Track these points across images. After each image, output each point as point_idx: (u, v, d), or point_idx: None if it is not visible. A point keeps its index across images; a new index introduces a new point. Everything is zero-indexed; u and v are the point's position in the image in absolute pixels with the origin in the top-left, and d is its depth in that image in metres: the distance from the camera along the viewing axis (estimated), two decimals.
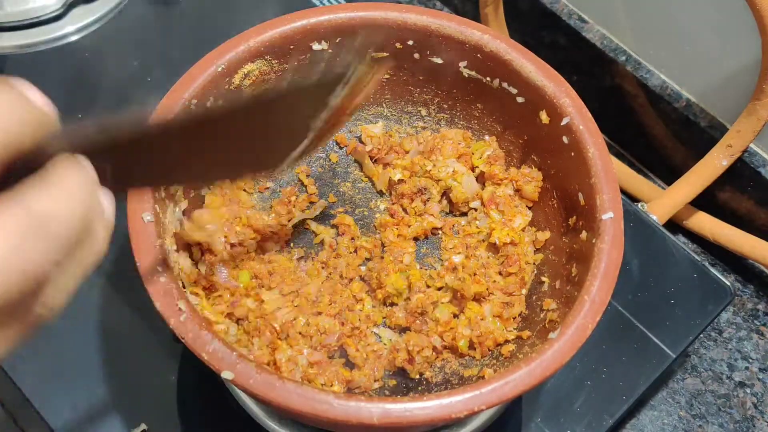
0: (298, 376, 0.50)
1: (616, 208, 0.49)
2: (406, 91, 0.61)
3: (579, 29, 0.75)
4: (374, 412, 0.41)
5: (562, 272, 0.52)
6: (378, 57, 0.58)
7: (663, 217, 0.68)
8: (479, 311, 0.53)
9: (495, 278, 0.55)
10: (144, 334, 0.59)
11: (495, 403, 0.42)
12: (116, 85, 0.71)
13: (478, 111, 0.60)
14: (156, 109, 0.51)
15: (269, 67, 0.56)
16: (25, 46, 0.72)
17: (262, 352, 0.50)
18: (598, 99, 0.78)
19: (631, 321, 0.62)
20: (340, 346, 0.53)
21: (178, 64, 0.54)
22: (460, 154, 0.59)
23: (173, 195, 0.52)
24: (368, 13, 0.56)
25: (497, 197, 0.57)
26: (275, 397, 0.42)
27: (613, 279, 0.47)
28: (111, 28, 0.74)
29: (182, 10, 0.76)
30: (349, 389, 0.52)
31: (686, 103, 0.71)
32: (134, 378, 0.57)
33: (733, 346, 0.69)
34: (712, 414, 0.65)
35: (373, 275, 0.56)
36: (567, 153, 0.53)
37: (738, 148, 0.64)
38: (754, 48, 0.61)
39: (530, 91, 0.55)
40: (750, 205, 0.71)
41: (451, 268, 0.56)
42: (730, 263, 0.73)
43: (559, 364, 0.44)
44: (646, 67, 0.73)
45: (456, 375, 0.53)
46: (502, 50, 0.55)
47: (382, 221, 0.59)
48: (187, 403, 0.57)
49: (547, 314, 0.51)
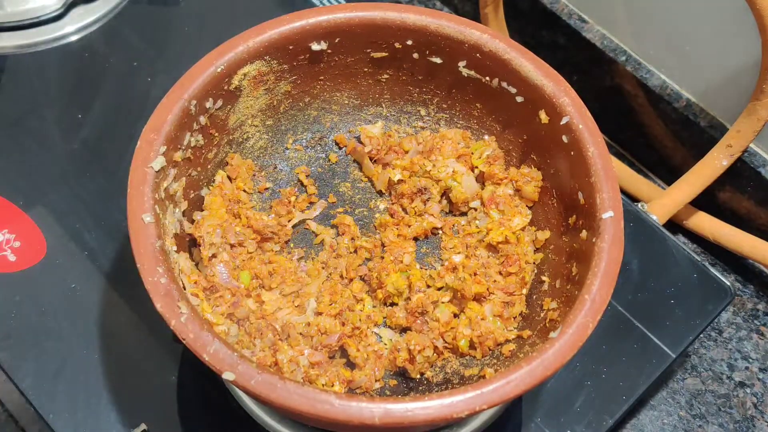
0: (300, 376, 0.50)
1: (616, 207, 0.49)
2: (405, 90, 0.61)
3: (579, 29, 0.75)
4: (376, 412, 0.41)
5: (563, 271, 0.52)
6: (377, 57, 0.58)
7: (663, 217, 0.68)
8: (480, 311, 0.53)
9: (495, 278, 0.55)
10: (144, 334, 0.59)
11: (497, 402, 0.42)
12: (116, 85, 0.71)
13: (477, 111, 0.60)
14: (155, 109, 0.51)
15: (268, 67, 0.56)
16: (25, 46, 0.72)
17: (264, 354, 0.50)
18: (598, 99, 0.78)
19: (631, 321, 0.62)
20: (341, 347, 0.53)
21: (177, 64, 0.54)
22: (460, 154, 0.59)
23: (173, 196, 0.52)
24: (367, 13, 0.56)
25: (497, 197, 0.57)
26: (276, 398, 0.42)
27: (613, 278, 0.47)
28: (111, 28, 0.74)
29: (182, 10, 0.76)
30: (350, 389, 0.52)
31: (686, 103, 0.71)
32: (134, 378, 0.57)
33: (733, 346, 0.69)
34: (712, 414, 0.65)
35: (374, 275, 0.56)
36: (566, 152, 0.53)
37: (738, 148, 0.64)
38: (754, 48, 0.61)
39: (529, 91, 0.55)
40: (750, 205, 0.71)
41: (452, 268, 0.56)
42: (730, 263, 0.73)
43: (560, 363, 0.44)
44: (646, 67, 0.73)
45: (457, 375, 0.53)
46: (501, 50, 0.55)
47: (382, 221, 0.59)
48: (187, 403, 0.57)
49: (547, 313, 0.51)
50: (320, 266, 0.57)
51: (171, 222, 0.51)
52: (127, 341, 0.59)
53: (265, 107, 0.58)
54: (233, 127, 0.57)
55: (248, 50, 0.54)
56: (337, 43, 0.57)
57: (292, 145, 0.61)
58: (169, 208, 0.51)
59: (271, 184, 0.60)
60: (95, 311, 0.59)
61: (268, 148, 0.60)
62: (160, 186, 0.49)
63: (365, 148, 0.61)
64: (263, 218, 0.56)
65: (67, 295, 0.60)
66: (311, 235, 0.59)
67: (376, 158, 0.61)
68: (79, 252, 0.62)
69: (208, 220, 0.54)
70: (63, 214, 0.63)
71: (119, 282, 0.61)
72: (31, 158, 0.66)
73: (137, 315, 0.60)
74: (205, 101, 0.53)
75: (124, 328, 0.59)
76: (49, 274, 0.61)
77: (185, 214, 0.53)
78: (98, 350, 0.58)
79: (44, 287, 0.60)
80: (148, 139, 0.49)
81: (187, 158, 0.53)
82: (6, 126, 0.68)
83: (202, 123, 0.53)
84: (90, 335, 0.58)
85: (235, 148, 0.58)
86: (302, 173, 0.61)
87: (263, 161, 0.60)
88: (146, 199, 0.48)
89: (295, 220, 0.59)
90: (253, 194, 0.59)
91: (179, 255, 0.51)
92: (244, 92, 0.56)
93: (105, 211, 0.64)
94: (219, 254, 0.53)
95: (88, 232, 0.63)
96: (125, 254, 0.62)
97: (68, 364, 0.57)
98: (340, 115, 0.62)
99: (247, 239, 0.55)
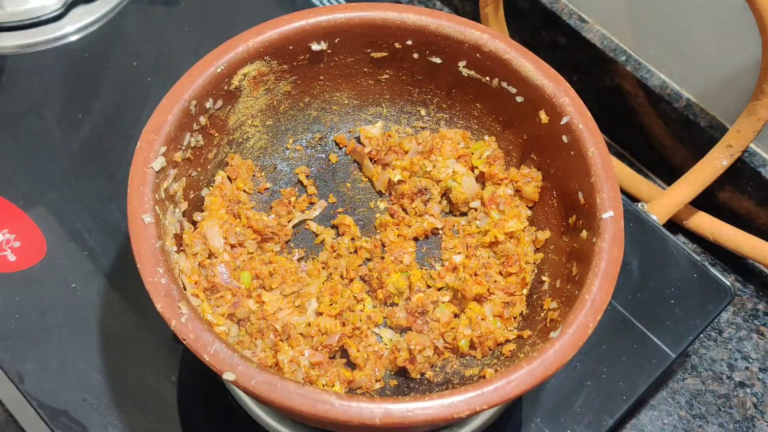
0: (300, 377, 0.50)
1: (616, 206, 0.49)
2: (405, 90, 0.61)
3: (579, 29, 0.75)
4: (376, 413, 0.41)
5: (563, 271, 0.52)
6: (377, 57, 0.58)
7: (663, 217, 0.68)
8: (480, 311, 0.53)
9: (496, 278, 0.55)
10: (144, 334, 0.59)
11: (497, 402, 0.42)
12: (116, 85, 0.71)
13: (477, 111, 0.60)
14: (155, 109, 0.51)
15: (268, 67, 0.56)
16: (25, 46, 0.72)
17: (265, 354, 0.50)
18: (598, 99, 0.78)
19: (631, 321, 0.62)
20: (341, 347, 0.53)
21: (177, 65, 0.54)
22: (460, 155, 0.59)
23: (173, 196, 0.52)
24: (367, 13, 0.56)
25: (497, 197, 0.57)
26: (277, 398, 0.42)
27: (613, 278, 0.47)
28: (111, 28, 0.74)
29: (182, 10, 0.75)
30: (350, 390, 0.52)
31: (686, 103, 0.71)
32: (134, 378, 0.57)
33: (733, 346, 0.69)
34: (712, 414, 0.65)
35: (374, 275, 0.56)
36: (566, 152, 0.53)
37: (738, 148, 0.64)
38: (754, 48, 0.61)
39: (529, 91, 0.55)
40: (750, 205, 0.71)
41: (452, 268, 0.56)
42: (730, 263, 0.73)
43: (561, 363, 0.44)
44: (646, 67, 0.73)
45: (457, 375, 0.53)
46: (501, 49, 0.55)
47: (382, 221, 0.59)
48: (187, 403, 0.57)
49: (547, 313, 0.51)
50: (320, 266, 0.57)
51: (171, 222, 0.51)
52: (127, 341, 0.59)
53: (265, 107, 0.58)
54: (233, 128, 0.57)
55: (248, 50, 0.54)
56: (337, 43, 0.57)
57: (292, 145, 0.61)
58: (169, 208, 0.51)
59: (271, 184, 0.60)
60: (95, 311, 0.59)
61: (268, 148, 0.60)
62: (161, 186, 0.49)
63: (365, 149, 0.61)
64: (263, 218, 0.56)
65: (67, 295, 0.60)
66: (311, 235, 0.59)
67: (376, 159, 0.61)
68: (79, 252, 0.62)
69: (208, 220, 0.54)
70: (63, 214, 0.63)
71: (119, 282, 0.61)
72: (31, 158, 0.66)
73: (137, 315, 0.60)
74: (205, 101, 0.53)
75: (124, 328, 0.59)
76: (49, 274, 0.61)
77: (185, 215, 0.53)
78: (98, 350, 0.58)
79: (44, 287, 0.60)
80: (148, 140, 0.49)
81: (187, 158, 0.53)
82: (6, 126, 0.67)
83: (202, 123, 0.53)
84: (90, 335, 0.58)
85: (235, 148, 0.58)
86: (302, 173, 0.61)
87: (263, 161, 0.60)
88: (146, 199, 0.48)
89: (295, 221, 0.59)
90: (253, 194, 0.59)
91: (179, 255, 0.51)
92: (244, 92, 0.56)
93: (105, 211, 0.64)
94: (219, 254, 0.53)
95: (88, 232, 0.63)
96: (125, 254, 0.62)
97: (68, 364, 0.57)
98: (340, 115, 0.62)
99: (248, 239, 0.55)
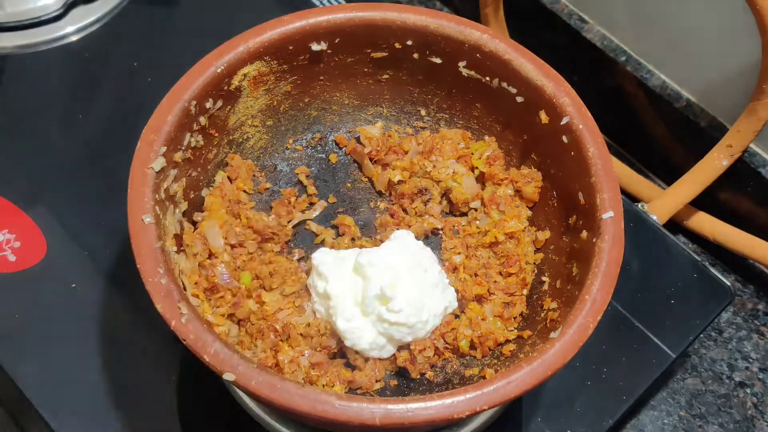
0: (300, 377, 0.50)
1: (616, 207, 0.49)
2: (405, 90, 0.61)
3: (579, 29, 0.75)
4: (376, 413, 0.41)
5: (563, 272, 0.52)
6: (377, 57, 0.58)
7: (663, 217, 0.68)
8: (480, 311, 0.53)
9: (496, 278, 0.55)
10: (144, 334, 0.59)
11: (497, 402, 0.42)
12: (116, 86, 0.71)
13: (477, 111, 0.60)
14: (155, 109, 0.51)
15: (268, 68, 0.56)
16: (25, 46, 0.72)
17: (265, 354, 0.50)
18: (598, 99, 0.78)
19: (631, 321, 0.62)
20: (341, 347, 0.53)
21: (178, 65, 0.54)
22: (460, 155, 0.59)
23: (173, 196, 0.52)
24: (367, 14, 0.56)
25: (498, 197, 0.57)
26: (277, 398, 0.42)
27: (613, 278, 0.47)
28: (111, 28, 0.74)
29: (182, 10, 0.75)
30: (350, 390, 0.52)
31: (686, 103, 0.71)
32: (134, 378, 0.57)
33: (733, 346, 0.69)
34: (712, 414, 0.65)
35: None
36: (567, 152, 0.53)
37: (738, 148, 0.64)
38: (754, 48, 0.61)
39: (529, 91, 0.55)
40: (750, 205, 0.71)
41: (452, 269, 0.56)
42: (730, 263, 0.73)
43: (561, 363, 0.44)
44: (646, 67, 0.73)
45: (457, 375, 0.53)
46: (501, 50, 0.55)
47: (382, 221, 0.59)
48: (187, 403, 0.57)
49: (547, 314, 0.51)
50: None
51: (171, 223, 0.51)
52: (127, 341, 0.59)
53: (265, 107, 0.58)
54: (233, 128, 0.57)
55: (248, 51, 0.54)
56: (337, 43, 0.57)
57: (292, 145, 0.61)
58: (169, 208, 0.51)
59: (271, 184, 0.60)
60: (95, 311, 0.59)
61: (268, 148, 0.60)
62: (161, 187, 0.49)
63: (365, 149, 0.61)
64: (263, 218, 0.56)
65: (67, 295, 0.60)
66: (311, 235, 0.59)
67: (376, 159, 0.61)
68: (79, 252, 0.62)
69: (208, 220, 0.54)
70: (63, 214, 0.63)
71: (119, 282, 0.61)
72: (31, 158, 0.66)
73: (137, 315, 0.59)
74: (205, 102, 0.53)
75: (124, 328, 0.59)
76: (49, 274, 0.61)
77: (185, 215, 0.53)
78: (98, 350, 0.58)
79: (44, 287, 0.60)
80: (148, 140, 0.49)
81: (187, 159, 0.53)
82: (6, 126, 0.67)
83: (202, 123, 0.53)
84: (90, 335, 0.58)
85: (235, 148, 0.58)
86: (302, 173, 0.61)
87: (263, 161, 0.60)
88: (146, 199, 0.48)
89: (295, 221, 0.59)
90: (254, 195, 0.59)
91: (179, 256, 0.51)
92: (244, 93, 0.56)
93: (105, 211, 0.64)
94: (219, 255, 0.53)
95: (88, 232, 0.63)
96: (125, 254, 0.62)
97: (68, 364, 0.57)
98: (340, 115, 0.62)
99: (248, 240, 0.55)
